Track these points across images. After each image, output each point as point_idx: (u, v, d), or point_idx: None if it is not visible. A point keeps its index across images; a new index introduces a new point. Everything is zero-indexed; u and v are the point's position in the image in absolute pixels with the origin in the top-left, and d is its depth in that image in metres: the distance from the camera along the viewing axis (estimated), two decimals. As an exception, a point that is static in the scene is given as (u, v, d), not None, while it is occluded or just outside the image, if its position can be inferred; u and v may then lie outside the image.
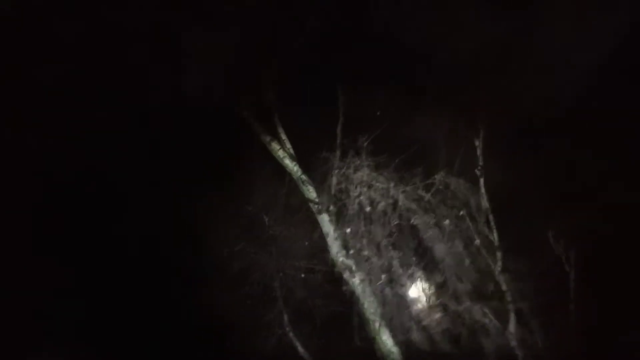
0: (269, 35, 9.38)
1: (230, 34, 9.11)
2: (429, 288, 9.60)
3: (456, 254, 9.33)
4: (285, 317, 10.38)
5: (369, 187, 9.39)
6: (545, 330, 8.97)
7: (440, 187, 9.24)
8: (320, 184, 9.69)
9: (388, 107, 9.61)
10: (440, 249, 9.40)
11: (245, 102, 9.79)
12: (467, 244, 9.23)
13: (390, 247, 9.34)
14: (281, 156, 9.74)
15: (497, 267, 9.48)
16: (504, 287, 9.38)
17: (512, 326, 9.20)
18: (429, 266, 9.55)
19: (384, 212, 9.24)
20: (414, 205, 9.24)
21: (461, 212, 9.12)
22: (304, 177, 9.79)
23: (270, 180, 10.20)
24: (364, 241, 9.38)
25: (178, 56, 9.20)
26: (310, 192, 9.73)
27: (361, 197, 9.37)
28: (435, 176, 9.17)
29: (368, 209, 9.29)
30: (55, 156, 9.71)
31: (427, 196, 9.21)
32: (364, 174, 9.31)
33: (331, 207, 9.64)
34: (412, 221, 9.25)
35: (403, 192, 9.24)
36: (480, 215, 9.48)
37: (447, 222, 9.08)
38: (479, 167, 9.84)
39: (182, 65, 9.20)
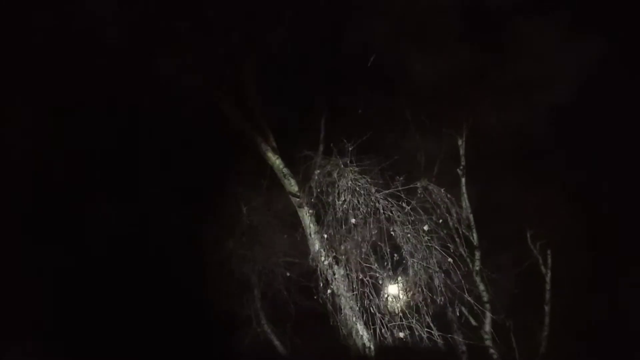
0: (250, 27, 9.11)
1: (210, 26, 8.85)
2: (407, 286, 9.56)
3: (435, 255, 9.26)
4: (262, 313, 10.27)
5: (351, 190, 9.15)
6: (519, 331, 9.15)
7: (421, 195, 8.88)
8: (302, 178, 9.49)
9: (370, 110, 9.60)
10: (418, 250, 9.24)
11: (226, 94, 9.46)
12: (446, 247, 9.04)
13: (369, 247, 9.20)
14: (263, 149, 9.47)
15: (476, 266, 9.60)
16: (481, 287, 9.52)
17: (487, 325, 9.37)
18: (407, 265, 9.46)
19: (364, 216, 9.02)
20: (393, 211, 8.97)
21: (440, 220, 8.82)
22: (285, 170, 9.54)
23: (251, 172, 9.96)
24: (343, 239, 9.23)
25: (156, 49, 8.85)
26: (292, 186, 9.49)
27: (342, 199, 9.12)
28: (417, 183, 8.91)
29: (349, 212, 9.03)
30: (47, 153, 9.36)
31: (410, 205, 8.71)
32: (347, 178, 9.05)
33: (312, 201, 9.44)
34: (391, 228, 8.98)
35: (383, 198, 8.98)
36: (460, 216, 9.40)
37: (425, 227, 8.94)
38: (461, 167, 9.90)
39: (160, 58, 8.88)
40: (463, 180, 9.95)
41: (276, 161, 9.33)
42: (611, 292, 8.87)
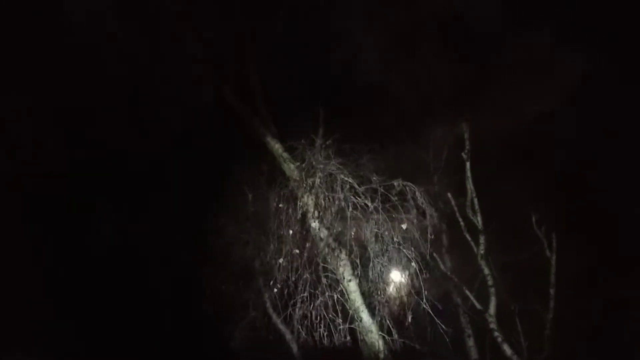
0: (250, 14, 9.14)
1: (211, 13, 8.86)
2: (410, 271, 9.45)
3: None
4: (268, 302, 10.29)
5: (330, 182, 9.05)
6: (525, 314, 9.05)
7: (396, 195, 8.70)
8: (302, 161, 9.41)
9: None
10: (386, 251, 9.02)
11: (226, 80, 9.46)
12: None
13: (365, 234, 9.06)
14: (263, 134, 9.44)
15: (480, 250, 9.49)
16: (485, 271, 9.42)
17: (492, 309, 9.28)
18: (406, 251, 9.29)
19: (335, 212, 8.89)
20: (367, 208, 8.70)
21: (415, 221, 8.63)
22: (285, 154, 9.51)
23: (253, 157, 9.93)
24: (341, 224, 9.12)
25: (156, 35, 8.84)
26: (292, 170, 9.46)
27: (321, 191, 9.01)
28: (394, 182, 8.74)
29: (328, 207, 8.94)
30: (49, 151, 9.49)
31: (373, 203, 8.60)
32: (316, 176, 8.94)
33: (311, 184, 9.35)
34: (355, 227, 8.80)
35: (357, 195, 8.76)
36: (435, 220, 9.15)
37: (404, 226, 8.79)
38: (466, 151, 9.76)
39: (161, 44, 8.89)
40: (468, 164, 9.82)
41: (275, 145, 9.31)
42: (616, 279, 8.75)
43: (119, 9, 8.77)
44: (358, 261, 8.69)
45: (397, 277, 9.28)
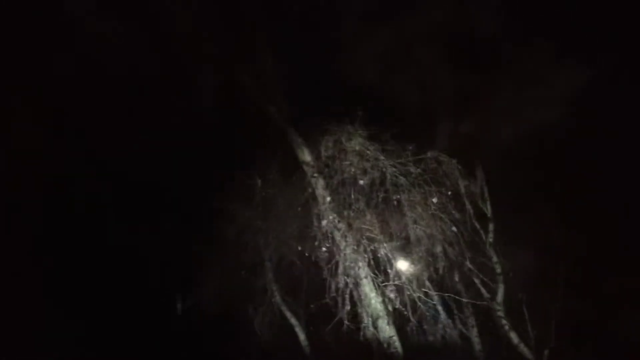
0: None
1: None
2: (418, 260, 9.46)
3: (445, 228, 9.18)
4: (276, 288, 10.36)
5: (360, 156, 9.13)
6: (532, 303, 9.09)
7: (431, 165, 8.96)
8: (315, 147, 9.47)
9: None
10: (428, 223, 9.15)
11: (241, 65, 9.51)
12: (455, 221, 8.96)
13: (378, 217, 9.14)
14: (277, 118, 9.49)
15: (489, 238, 9.52)
16: (494, 259, 9.45)
17: (499, 297, 9.31)
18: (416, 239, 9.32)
19: (372, 184, 9.00)
20: (401, 180, 8.92)
21: (449, 192, 8.90)
22: (299, 139, 9.56)
23: (265, 142, 9.98)
24: (355, 209, 9.18)
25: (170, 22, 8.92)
26: (305, 155, 9.51)
27: (351, 166, 9.11)
28: (428, 153, 8.95)
29: (360, 180, 9.03)
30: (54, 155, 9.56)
31: (414, 173, 8.87)
32: (356, 142, 9.05)
33: (326, 171, 9.42)
34: (398, 196, 8.91)
35: (392, 165, 8.94)
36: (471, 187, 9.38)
37: (435, 199, 8.92)
38: (476, 140, 9.79)
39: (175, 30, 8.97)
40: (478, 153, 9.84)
41: (289, 130, 9.34)
42: (616, 278, 8.81)
43: (119, 9, 8.82)
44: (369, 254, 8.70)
45: (404, 266, 9.35)
